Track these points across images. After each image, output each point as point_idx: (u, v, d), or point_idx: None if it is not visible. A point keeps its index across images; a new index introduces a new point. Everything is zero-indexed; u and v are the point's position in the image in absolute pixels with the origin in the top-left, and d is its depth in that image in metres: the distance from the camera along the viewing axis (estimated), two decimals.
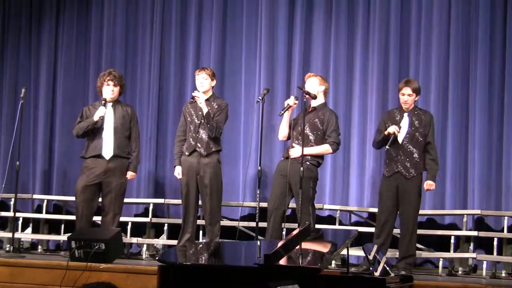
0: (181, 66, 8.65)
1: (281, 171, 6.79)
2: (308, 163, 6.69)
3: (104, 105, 7.11)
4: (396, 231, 6.88)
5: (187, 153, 7.04)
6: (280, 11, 8.30)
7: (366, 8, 8.07)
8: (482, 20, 7.68)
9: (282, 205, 6.75)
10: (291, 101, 6.74)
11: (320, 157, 6.85)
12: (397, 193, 6.63)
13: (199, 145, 7.00)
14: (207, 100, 7.04)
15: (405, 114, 6.71)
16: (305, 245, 4.59)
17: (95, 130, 7.12)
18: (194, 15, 8.63)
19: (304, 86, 6.84)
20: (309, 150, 6.69)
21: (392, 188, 6.63)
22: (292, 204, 7.02)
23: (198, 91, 7.05)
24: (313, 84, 6.86)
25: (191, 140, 7.03)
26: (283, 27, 8.29)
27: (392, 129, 6.60)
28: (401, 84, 6.83)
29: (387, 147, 6.62)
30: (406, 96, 6.71)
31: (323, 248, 4.70)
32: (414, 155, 6.62)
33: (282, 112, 6.74)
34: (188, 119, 7.10)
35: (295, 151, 6.71)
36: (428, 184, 6.63)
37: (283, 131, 6.93)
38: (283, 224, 6.84)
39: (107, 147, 7.11)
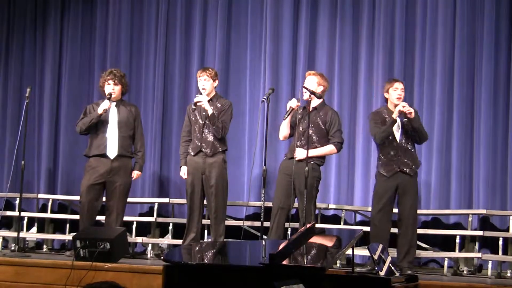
0: (185, 65, 8.65)
1: (285, 171, 6.79)
2: (313, 162, 6.70)
3: (109, 99, 7.12)
4: (393, 230, 6.84)
5: (192, 153, 7.03)
6: (285, 10, 8.29)
7: (371, 6, 8.06)
8: (487, 19, 7.66)
9: (287, 205, 6.76)
10: (294, 103, 6.71)
11: (323, 156, 6.86)
12: (395, 193, 6.63)
13: (204, 146, 6.98)
14: (210, 100, 7.02)
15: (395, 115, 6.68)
16: (313, 239, 4.59)
17: (99, 128, 7.12)
18: (199, 14, 8.63)
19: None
20: (314, 152, 6.71)
21: (392, 188, 6.61)
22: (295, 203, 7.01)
23: (201, 94, 7.04)
24: (312, 83, 6.84)
25: (196, 141, 7.02)
26: (288, 26, 8.28)
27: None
28: (390, 81, 6.83)
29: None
30: (400, 91, 6.72)
31: (329, 242, 4.70)
32: (412, 151, 6.68)
33: (286, 116, 6.73)
34: (193, 119, 7.09)
35: (301, 153, 6.71)
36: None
37: (284, 132, 6.92)
38: (286, 223, 6.84)
39: (112, 147, 7.11)
